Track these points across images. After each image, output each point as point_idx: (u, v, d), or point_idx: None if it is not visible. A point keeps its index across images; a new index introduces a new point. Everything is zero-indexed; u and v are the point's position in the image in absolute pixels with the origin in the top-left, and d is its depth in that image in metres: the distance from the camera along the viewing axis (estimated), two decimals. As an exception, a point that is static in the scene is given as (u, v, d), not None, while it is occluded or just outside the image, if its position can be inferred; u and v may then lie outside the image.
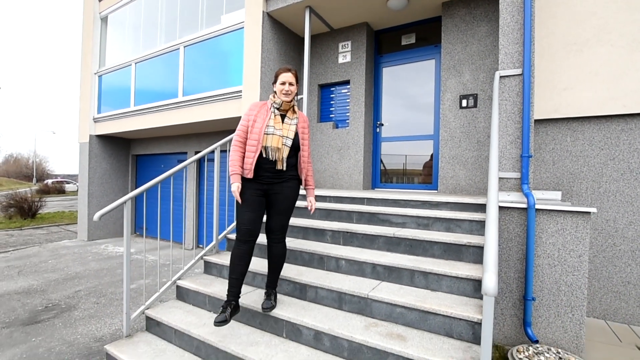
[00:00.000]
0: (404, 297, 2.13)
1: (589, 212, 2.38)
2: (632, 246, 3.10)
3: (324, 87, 5.25)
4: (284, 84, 2.22)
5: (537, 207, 2.51)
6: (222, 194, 3.39)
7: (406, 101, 4.79)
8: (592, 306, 3.22)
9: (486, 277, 1.24)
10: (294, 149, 2.26)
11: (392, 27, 4.84)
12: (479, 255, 2.42)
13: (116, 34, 7.28)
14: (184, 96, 5.56)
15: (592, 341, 2.72)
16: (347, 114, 4.95)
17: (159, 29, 6.26)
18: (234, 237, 3.20)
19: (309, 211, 2.47)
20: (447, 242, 2.52)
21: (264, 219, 2.36)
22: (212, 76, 5.31)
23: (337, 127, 5.02)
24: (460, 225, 2.74)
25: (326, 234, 3.05)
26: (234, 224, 3.27)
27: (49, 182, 28.86)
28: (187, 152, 7.08)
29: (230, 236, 3.31)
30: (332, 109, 5.18)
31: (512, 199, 2.69)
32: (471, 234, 2.68)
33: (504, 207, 2.64)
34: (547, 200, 2.72)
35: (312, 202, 2.44)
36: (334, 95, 5.17)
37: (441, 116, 4.18)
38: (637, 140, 3.11)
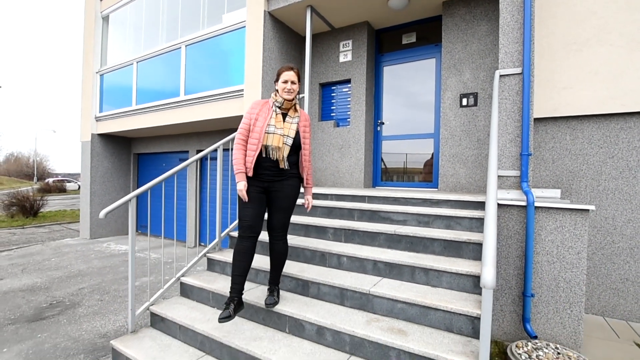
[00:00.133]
0: (404, 293, 2.16)
1: (587, 210, 2.41)
2: (631, 243, 3.13)
3: (325, 86, 5.27)
4: (286, 82, 2.23)
5: (536, 204, 2.54)
6: (224, 192, 3.43)
7: (407, 100, 4.81)
8: (590, 303, 3.25)
9: (484, 270, 1.28)
10: (295, 147, 2.27)
11: (393, 26, 4.86)
12: (478, 252, 2.45)
13: (117, 33, 7.30)
14: (185, 95, 5.58)
15: (590, 337, 2.75)
16: (348, 113, 4.98)
17: (160, 28, 6.27)
18: (236, 234, 3.24)
19: (305, 208, 2.50)
20: (447, 239, 2.55)
21: (266, 216, 2.38)
22: (214, 75, 5.33)
23: (338, 126, 5.04)
24: (460, 222, 2.77)
25: (328, 231, 3.08)
26: (236, 222, 3.31)
27: (50, 180, 28.93)
28: (188, 150, 7.11)
29: (232, 234, 3.34)
30: (333, 107, 5.21)
31: (511, 197, 2.73)
32: (471, 231, 2.71)
33: (503, 205, 2.67)
34: (546, 198, 2.75)
35: (310, 200, 2.47)
36: (335, 94, 5.19)
37: (442, 115, 4.20)
38: (635, 138, 3.13)
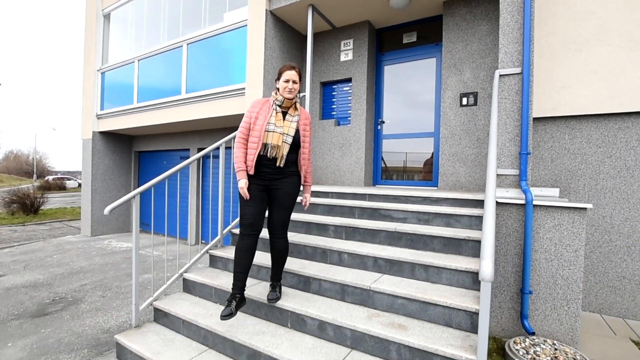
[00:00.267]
0: (405, 289, 2.20)
1: (585, 208, 2.45)
2: (628, 242, 3.17)
3: (326, 85, 5.30)
4: (287, 81, 2.24)
5: (535, 203, 2.57)
6: (226, 190, 3.46)
7: (407, 99, 4.84)
8: (588, 300, 3.29)
9: (483, 264, 1.32)
10: (295, 146, 2.29)
11: (394, 26, 4.88)
12: (477, 249, 2.49)
13: (118, 31, 7.31)
14: (187, 93, 5.60)
15: (587, 334, 2.79)
16: (349, 112, 5.01)
17: (161, 26, 6.29)
18: (237, 231, 3.27)
19: (303, 206, 2.51)
20: (447, 237, 2.59)
21: (267, 214, 2.41)
22: (215, 73, 5.35)
23: (339, 125, 5.07)
24: (459, 220, 2.81)
25: (329, 228, 3.11)
26: (237, 219, 3.34)
27: (49, 178, 28.93)
28: (189, 148, 7.13)
29: (234, 231, 3.38)
30: (334, 106, 5.23)
31: (510, 195, 2.76)
32: (470, 229, 2.74)
33: (502, 203, 2.70)
34: (544, 196, 2.79)
35: (307, 198, 2.48)
36: (335, 92, 5.22)
37: (442, 114, 4.23)
38: (633, 138, 3.16)
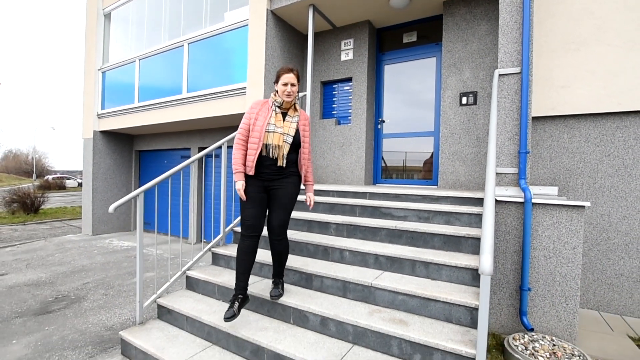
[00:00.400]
0: (405, 286, 2.23)
1: (583, 206, 2.48)
2: (626, 240, 3.21)
3: (326, 84, 5.32)
4: (286, 84, 2.26)
5: (534, 201, 2.61)
6: (228, 189, 3.48)
7: (407, 98, 4.87)
8: (586, 298, 3.33)
9: (483, 258, 1.35)
10: (295, 146, 2.32)
11: (394, 25, 4.91)
12: (477, 246, 2.52)
13: (119, 30, 7.33)
14: (188, 92, 5.63)
15: (585, 330, 2.83)
16: (349, 111, 5.04)
17: (162, 25, 6.31)
18: (239, 229, 3.30)
19: (307, 206, 2.52)
20: (447, 234, 2.62)
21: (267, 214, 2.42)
22: (216, 73, 5.37)
23: (339, 124, 5.10)
24: (459, 218, 2.84)
25: (330, 226, 3.15)
26: (239, 218, 3.37)
27: (49, 178, 28.91)
28: (190, 148, 7.16)
29: (236, 229, 3.40)
30: (335, 105, 5.26)
31: (509, 194, 2.79)
32: (470, 227, 2.77)
33: (502, 201, 2.74)
34: (543, 195, 2.82)
35: (311, 198, 2.48)
36: (336, 92, 5.25)
37: (442, 113, 4.26)
38: (631, 137, 3.20)
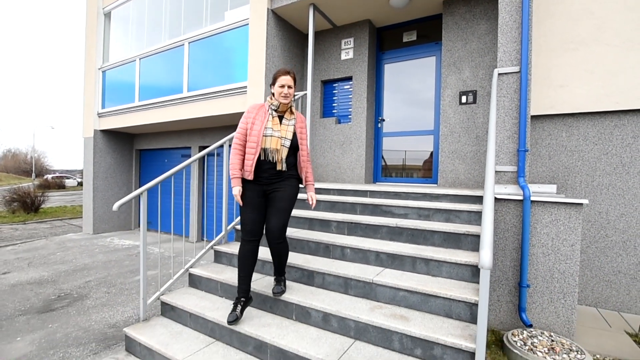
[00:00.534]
0: (406, 282, 2.27)
1: (581, 204, 2.52)
2: (623, 237, 3.24)
3: (326, 83, 5.34)
4: (282, 86, 2.26)
5: (533, 199, 2.64)
6: (230, 187, 3.50)
7: (407, 97, 4.89)
8: (584, 295, 3.36)
9: (482, 253, 1.39)
10: (293, 149, 2.33)
11: (394, 25, 4.93)
12: (476, 243, 2.55)
13: (119, 29, 7.33)
14: (188, 92, 5.65)
15: (583, 327, 2.87)
16: (350, 110, 5.06)
17: (162, 25, 6.32)
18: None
19: (309, 205, 2.53)
20: (447, 232, 2.65)
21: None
22: (217, 72, 5.39)
23: (340, 123, 5.12)
24: (459, 216, 2.87)
25: (331, 224, 3.18)
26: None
27: (49, 177, 28.90)
28: (190, 146, 7.18)
29: (238, 227, 3.43)
30: (335, 104, 5.28)
31: (508, 191, 2.83)
32: (470, 224, 2.81)
33: (501, 199, 2.77)
34: (542, 193, 2.85)
35: (313, 197, 2.50)
36: (336, 91, 5.27)
37: (441, 112, 4.29)
38: (629, 135, 3.23)
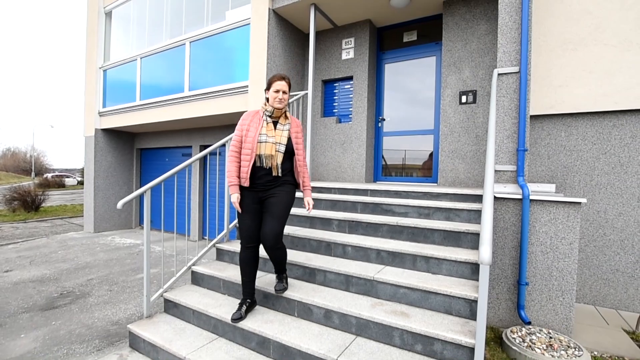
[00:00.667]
0: (407, 279, 2.30)
1: (579, 203, 2.55)
2: (621, 236, 3.27)
3: (327, 83, 5.37)
4: (277, 91, 2.26)
5: (531, 197, 2.67)
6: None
7: (407, 97, 4.92)
8: (582, 293, 3.40)
9: (482, 249, 1.42)
10: (288, 154, 2.33)
11: (394, 24, 4.95)
12: (476, 241, 2.58)
13: (120, 29, 7.35)
14: (190, 91, 5.67)
15: (581, 324, 2.90)
16: (350, 109, 5.09)
17: (164, 24, 6.33)
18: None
19: (307, 211, 2.49)
20: (447, 230, 2.68)
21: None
22: (218, 71, 5.41)
23: (340, 122, 5.15)
24: (459, 214, 2.91)
25: (332, 223, 3.21)
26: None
27: (48, 176, 28.89)
28: (191, 146, 7.20)
29: (239, 226, 3.46)
30: (336, 104, 5.31)
31: (508, 191, 2.86)
32: (469, 223, 2.84)
33: (500, 198, 2.80)
34: (541, 192, 2.89)
35: (310, 202, 2.47)
36: (337, 90, 5.29)
37: (441, 112, 4.32)
38: (627, 135, 3.26)
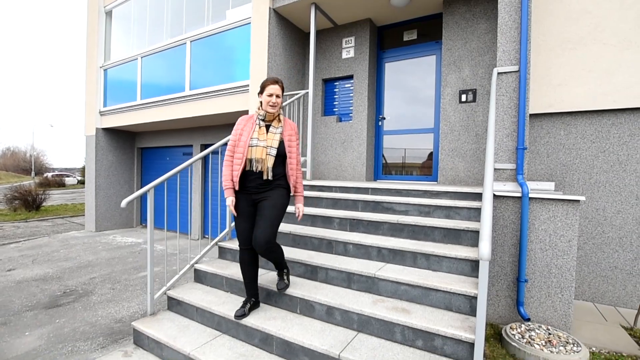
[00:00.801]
0: (407, 276, 2.33)
1: (578, 200, 2.58)
2: (620, 233, 3.31)
3: (328, 82, 5.39)
4: (271, 95, 2.26)
5: (531, 195, 2.70)
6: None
7: (407, 95, 4.94)
8: (581, 290, 3.43)
9: (482, 245, 1.45)
10: (281, 157, 2.30)
11: (395, 23, 4.97)
12: (476, 239, 2.61)
13: (121, 28, 7.35)
14: (190, 90, 5.69)
15: (580, 320, 2.93)
16: (351, 108, 5.11)
17: (164, 23, 6.34)
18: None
19: (296, 217, 2.48)
20: (447, 228, 2.71)
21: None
22: (219, 70, 5.43)
23: (341, 121, 5.17)
24: (459, 212, 2.93)
25: (333, 221, 3.24)
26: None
27: (49, 175, 28.91)
28: (192, 145, 7.22)
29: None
30: (336, 103, 5.33)
31: (507, 189, 2.89)
32: (469, 220, 2.87)
33: (500, 196, 2.83)
34: (540, 190, 2.92)
35: (300, 209, 2.45)
36: (337, 89, 5.31)
37: (441, 110, 4.34)
38: (626, 134, 3.29)
